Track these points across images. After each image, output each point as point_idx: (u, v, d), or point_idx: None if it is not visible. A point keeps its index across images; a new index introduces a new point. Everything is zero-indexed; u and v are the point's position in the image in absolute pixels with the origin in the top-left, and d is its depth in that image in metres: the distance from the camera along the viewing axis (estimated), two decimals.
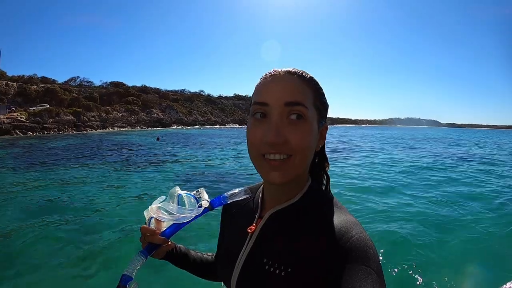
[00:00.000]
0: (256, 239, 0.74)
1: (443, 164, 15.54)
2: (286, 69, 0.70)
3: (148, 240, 0.79)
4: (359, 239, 0.61)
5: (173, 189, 0.81)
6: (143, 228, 0.80)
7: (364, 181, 10.41)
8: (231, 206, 0.85)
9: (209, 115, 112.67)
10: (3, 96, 63.93)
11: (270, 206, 0.77)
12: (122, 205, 7.15)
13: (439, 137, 51.38)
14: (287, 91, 0.66)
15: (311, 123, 0.67)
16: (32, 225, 5.59)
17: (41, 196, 7.92)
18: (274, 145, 0.64)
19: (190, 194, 0.80)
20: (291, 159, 0.65)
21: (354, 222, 0.66)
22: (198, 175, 11.11)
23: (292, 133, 0.65)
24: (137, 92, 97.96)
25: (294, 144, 0.64)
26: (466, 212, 6.96)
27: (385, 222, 6.12)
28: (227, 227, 0.90)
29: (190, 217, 0.75)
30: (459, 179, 11.31)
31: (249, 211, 0.82)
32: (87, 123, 67.11)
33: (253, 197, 0.85)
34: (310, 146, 0.67)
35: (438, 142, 33.42)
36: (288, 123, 0.66)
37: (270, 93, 0.67)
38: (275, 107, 0.66)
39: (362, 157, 18.72)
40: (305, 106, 0.66)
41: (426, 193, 8.71)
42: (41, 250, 4.56)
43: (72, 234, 5.16)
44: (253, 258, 0.73)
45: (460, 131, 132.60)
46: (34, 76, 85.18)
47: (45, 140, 33.83)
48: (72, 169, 12.37)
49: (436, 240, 5.23)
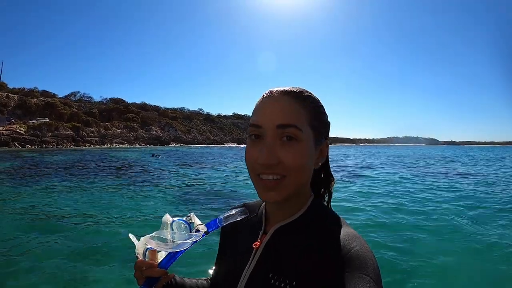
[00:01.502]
0: (261, 255, 0.75)
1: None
2: (282, 89, 0.71)
3: (146, 275, 0.73)
4: (359, 250, 0.63)
5: (164, 217, 0.78)
6: (138, 262, 0.74)
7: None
8: (232, 223, 0.80)
9: (207, 134, 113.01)
10: (3, 107, 63.93)
11: (273, 222, 0.78)
12: (114, 222, 6.96)
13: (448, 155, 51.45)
14: (279, 113, 0.67)
15: (306, 143, 0.68)
16: (19, 244, 5.47)
17: (32, 210, 7.85)
18: (267, 166, 0.66)
19: (182, 219, 0.77)
20: (285, 179, 0.67)
21: (355, 235, 0.68)
22: (194, 195, 10.91)
23: (285, 154, 0.66)
24: (136, 109, 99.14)
25: (287, 164, 0.66)
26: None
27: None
28: (229, 244, 0.88)
29: (188, 243, 0.73)
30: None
31: (252, 227, 0.82)
32: (86, 138, 67.13)
33: (256, 213, 0.85)
34: (305, 165, 0.68)
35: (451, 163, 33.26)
36: (281, 144, 0.67)
37: (264, 115, 0.68)
38: (268, 129, 0.67)
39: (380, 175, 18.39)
40: (297, 127, 0.67)
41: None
42: (30, 268, 4.46)
43: (62, 252, 5.00)
44: (259, 273, 0.73)
45: (458, 148, 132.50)
46: (34, 89, 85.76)
47: (44, 154, 33.42)
48: (65, 185, 12.25)
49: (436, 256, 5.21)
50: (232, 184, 13.90)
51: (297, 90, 0.72)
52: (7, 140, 47.75)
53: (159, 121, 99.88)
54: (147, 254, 0.75)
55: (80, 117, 74.17)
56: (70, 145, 59.70)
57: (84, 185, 12.27)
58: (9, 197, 9.62)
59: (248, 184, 12.36)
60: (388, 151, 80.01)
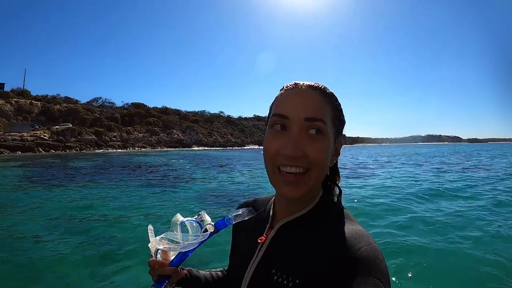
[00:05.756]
0: (266, 250, 0.74)
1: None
2: (308, 83, 0.70)
3: (158, 273, 0.78)
4: (368, 250, 0.60)
5: (174, 218, 0.80)
6: (151, 261, 0.79)
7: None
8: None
9: (229, 136, 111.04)
10: (27, 114, 64.19)
11: (281, 217, 0.77)
12: (138, 224, 6.74)
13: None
14: (308, 106, 0.66)
15: (329, 139, 0.68)
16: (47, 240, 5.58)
17: (56, 212, 7.78)
18: (292, 158, 0.64)
19: (192, 219, 0.79)
20: (308, 173, 0.66)
21: (364, 233, 0.65)
22: (208, 195, 10.53)
23: (310, 147, 0.65)
24: (157, 113, 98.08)
25: (312, 158, 0.65)
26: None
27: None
28: (239, 239, 0.89)
29: (196, 243, 0.75)
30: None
31: (261, 221, 0.83)
32: (109, 142, 66.14)
33: (265, 208, 0.85)
34: (327, 160, 0.68)
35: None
36: (307, 137, 0.66)
37: (291, 107, 0.67)
38: (295, 120, 0.66)
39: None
40: (324, 122, 0.66)
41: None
42: (54, 267, 4.46)
43: (84, 252, 4.99)
44: (262, 268, 0.72)
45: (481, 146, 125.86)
46: (57, 96, 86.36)
47: (67, 158, 33.15)
48: (91, 188, 11.94)
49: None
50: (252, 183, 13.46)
51: (322, 86, 0.71)
52: (32, 146, 47.37)
53: (180, 124, 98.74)
54: (159, 253, 0.79)
55: (102, 122, 73.68)
56: (93, 149, 58.78)
57: (109, 187, 12.25)
58: (39, 200, 9.46)
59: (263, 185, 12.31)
60: (420, 149, 77.26)
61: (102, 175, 16.40)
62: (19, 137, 47.51)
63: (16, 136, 47.56)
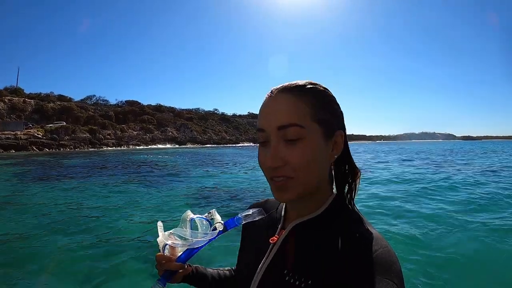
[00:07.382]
0: (278, 250, 0.74)
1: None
2: (280, 86, 0.68)
3: (164, 268, 0.78)
4: (384, 253, 0.60)
5: (185, 214, 0.80)
6: (158, 256, 0.79)
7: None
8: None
9: (223, 134, 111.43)
10: (20, 113, 64.00)
11: (293, 218, 0.77)
12: (133, 220, 6.85)
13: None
14: (279, 113, 0.65)
15: (312, 139, 0.65)
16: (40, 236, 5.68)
17: (54, 208, 7.98)
18: (274, 169, 0.65)
19: (203, 217, 0.79)
20: (293, 179, 0.65)
21: (378, 235, 0.65)
22: (212, 193, 10.58)
23: (290, 154, 0.64)
24: (152, 111, 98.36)
25: (295, 164, 0.64)
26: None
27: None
28: (249, 237, 0.88)
29: (204, 240, 0.75)
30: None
31: (272, 221, 0.82)
32: (103, 140, 66.42)
33: (276, 208, 0.85)
34: (313, 162, 0.66)
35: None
36: (285, 145, 0.65)
37: (265, 118, 0.67)
38: (271, 131, 0.66)
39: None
40: (299, 125, 0.64)
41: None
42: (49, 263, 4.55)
43: (79, 250, 5.02)
44: (274, 268, 0.72)
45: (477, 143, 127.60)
46: (51, 93, 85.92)
47: (61, 156, 33.11)
48: (85, 186, 12.01)
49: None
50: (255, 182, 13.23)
51: (295, 84, 0.68)
52: (25, 144, 47.47)
53: (174, 122, 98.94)
54: (167, 248, 0.79)
55: (96, 120, 73.77)
56: (87, 147, 58.94)
57: (103, 185, 12.28)
58: (33, 198, 9.52)
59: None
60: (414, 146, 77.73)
61: (97, 173, 16.52)
62: (12, 136, 47.65)
63: (9, 134, 47.68)
